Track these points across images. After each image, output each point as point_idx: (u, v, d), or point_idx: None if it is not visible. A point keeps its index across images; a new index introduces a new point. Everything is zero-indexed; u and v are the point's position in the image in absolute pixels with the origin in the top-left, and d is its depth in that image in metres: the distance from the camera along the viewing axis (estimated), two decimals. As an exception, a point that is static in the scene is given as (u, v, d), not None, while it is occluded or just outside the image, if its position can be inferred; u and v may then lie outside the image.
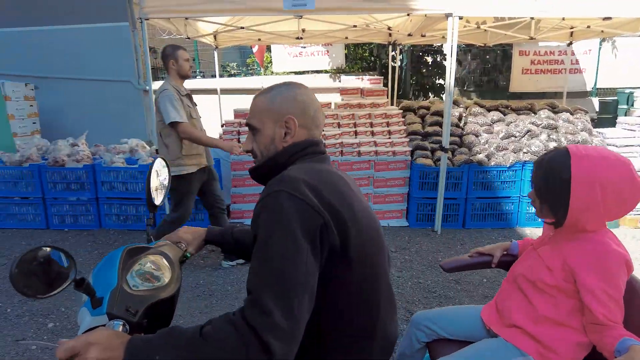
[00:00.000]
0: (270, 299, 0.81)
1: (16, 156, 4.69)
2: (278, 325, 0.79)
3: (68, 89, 8.33)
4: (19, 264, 0.86)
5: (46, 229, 4.67)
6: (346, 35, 6.30)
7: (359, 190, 1.17)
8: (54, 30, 8.30)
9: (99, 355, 0.79)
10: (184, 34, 5.30)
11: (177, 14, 4.06)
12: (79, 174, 4.51)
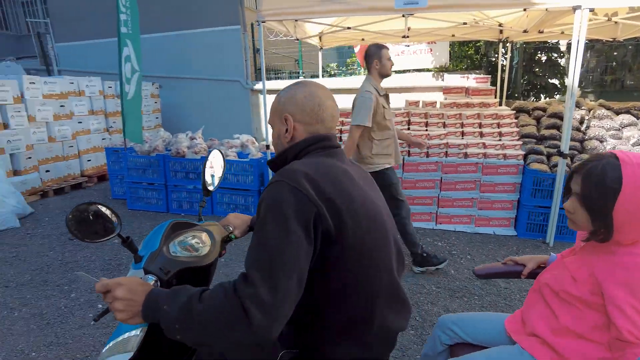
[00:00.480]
0: (258, 275, 0.89)
1: (145, 146, 5.30)
2: (261, 298, 0.86)
3: (186, 87, 9.20)
4: (73, 211, 1.09)
5: (167, 212, 5.22)
6: (453, 33, 6.06)
7: (370, 185, 1.22)
8: (176, 35, 9.21)
9: (124, 295, 0.95)
10: (293, 35, 5.53)
11: (291, 15, 4.25)
12: (197, 165, 4.96)
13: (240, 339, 0.87)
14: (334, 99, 1.24)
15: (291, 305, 0.92)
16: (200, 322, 0.89)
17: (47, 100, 6.00)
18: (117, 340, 1.16)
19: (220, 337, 0.88)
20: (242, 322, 0.86)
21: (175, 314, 0.91)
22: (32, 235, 4.48)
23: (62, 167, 6.30)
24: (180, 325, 0.90)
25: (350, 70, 10.02)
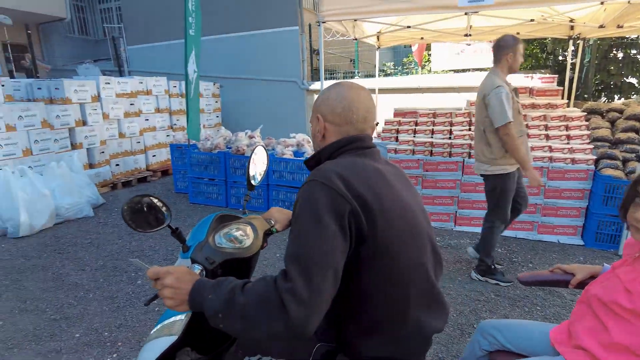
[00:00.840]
0: (294, 270, 0.92)
1: (207, 144, 5.54)
2: (298, 292, 0.89)
3: (245, 87, 9.50)
4: (128, 202, 1.17)
5: (226, 206, 5.42)
6: (518, 31, 5.78)
7: (405, 184, 1.21)
8: (236, 37, 9.53)
9: (172, 283, 1.00)
10: (351, 35, 5.54)
11: (351, 15, 4.27)
12: (255, 162, 5.10)
13: (279, 332, 0.90)
14: (368, 101, 1.24)
15: (327, 299, 0.94)
16: (241, 313, 0.93)
17: (119, 99, 6.44)
18: (164, 323, 1.24)
19: (260, 328, 0.92)
20: (280, 315, 0.89)
21: (219, 303, 0.95)
22: (104, 224, 4.84)
23: (130, 161, 6.74)
24: (224, 315, 0.95)
25: (407, 69, 9.86)
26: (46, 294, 3.23)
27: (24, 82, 5.98)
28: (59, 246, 4.18)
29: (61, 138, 5.58)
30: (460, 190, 4.48)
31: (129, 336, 2.69)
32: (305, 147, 5.24)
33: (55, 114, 5.47)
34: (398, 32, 5.85)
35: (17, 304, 3.10)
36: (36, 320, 2.89)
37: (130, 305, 3.05)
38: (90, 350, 2.55)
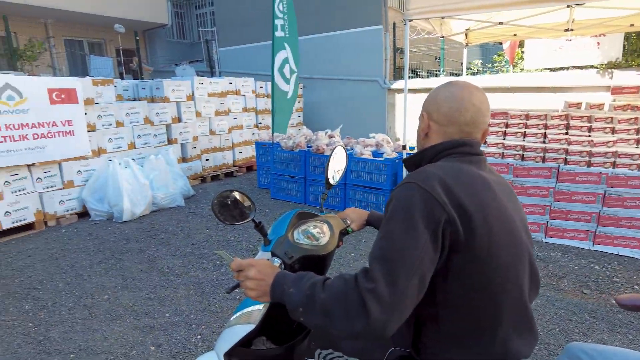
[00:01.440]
0: (379, 271, 0.90)
1: (289, 142, 5.72)
2: (380, 294, 0.87)
3: (326, 87, 9.64)
4: (217, 196, 1.28)
5: (304, 203, 5.56)
6: (632, 22, 5.14)
7: (509, 196, 1.12)
8: (319, 37, 9.69)
9: (255, 275, 1.04)
10: (438, 32, 5.35)
11: (440, 13, 4.12)
12: (334, 161, 5.16)
13: (357, 331, 0.89)
14: (481, 103, 1.14)
15: (410, 305, 0.92)
16: (322, 309, 0.93)
17: (210, 99, 6.90)
18: (243, 311, 1.30)
19: (339, 326, 0.91)
20: (360, 314, 0.88)
21: (300, 297, 0.97)
22: (193, 214, 5.22)
23: (219, 157, 7.19)
24: (304, 309, 0.96)
25: (497, 67, 9.29)
26: (142, 275, 3.57)
27: (132, 83, 6.65)
28: (154, 232, 4.59)
29: (159, 133, 6.12)
30: (554, 199, 4.12)
31: (211, 320, 2.87)
32: (385, 147, 5.17)
33: (155, 111, 6.01)
34: (488, 29, 5.52)
35: (120, 280, 3.47)
36: (134, 297, 3.20)
37: (214, 292, 3.26)
38: (177, 329, 2.77)
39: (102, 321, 2.88)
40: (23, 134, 4.45)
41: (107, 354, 2.53)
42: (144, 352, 2.54)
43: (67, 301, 3.16)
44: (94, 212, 5.03)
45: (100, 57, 10.75)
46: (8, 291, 3.32)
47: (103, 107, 5.32)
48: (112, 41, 11.75)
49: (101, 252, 4.05)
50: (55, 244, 4.32)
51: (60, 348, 2.60)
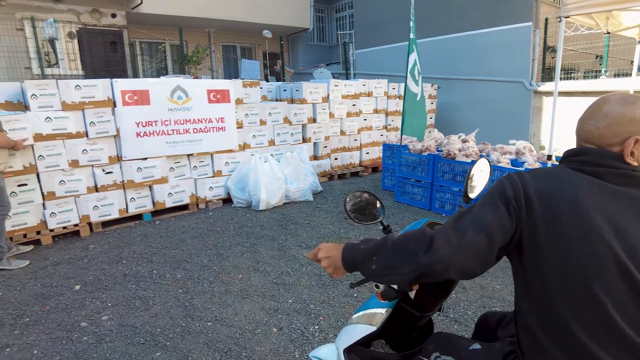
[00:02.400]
0: (451, 222, 1.05)
1: (418, 145, 5.60)
2: (447, 233, 1.01)
3: (462, 88, 9.16)
4: (350, 195, 1.36)
5: (429, 209, 5.39)
6: None
7: None
8: (459, 37, 9.23)
9: (325, 255, 1.18)
10: (603, 28, 4.65)
11: (606, 6, 3.58)
12: (466, 168, 4.89)
13: (422, 264, 1.00)
14: (615, 114, 1.02)
15: (473, 255, 1.00)
16: (393, 248, 1.06)
17: (344, 100, 7.13)
18: (365, 312, 1.33)
19: (407, 261, 1.03)
20: (426, 246, 1.01)
21: (372, 246, 1.10)
22: (320, 209, 5.48)
23: (347, 156, 7.40)
24: (377, 256, 1.08)
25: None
26: (272, 260, 3.89)
27: (275, 84, 7.26)
28: (285, 222, 4.95)
29: (296, 132, 6.56)
30: None
31: (329, 313, 2.99)
32: (527, 156, 4.71)
33: (293, 112, 6.46)
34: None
35: (253, 263, 3.84)
36: (263, 280, 3.51)
37: (333, 286, 3.39)
38: (298, 316, 2.95)
39: (235, 298, 3.23)
40: (186, 128, 5.22)
41: (236, 327, 2.83)
42: (267, 332, 2.77)
43: (209, 275, 3.62)
44: (236, 199, 5.65)
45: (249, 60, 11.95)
46: (166, 260, 3.95)
47: (250, 107, 5.93)
48: (261, 45, 12.96)
49: (239, 236, 4.54)
50: (204, 224, 4.97)
51: (201, 315, 2.99)
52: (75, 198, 4.63)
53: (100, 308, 3.11)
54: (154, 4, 9.48)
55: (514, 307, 1.12)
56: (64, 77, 8.28)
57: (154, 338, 2.73)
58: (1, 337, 2.78)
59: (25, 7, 8.09)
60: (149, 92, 4.90)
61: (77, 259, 4.02)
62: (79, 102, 4.52)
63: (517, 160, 4.78)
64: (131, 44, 10.19)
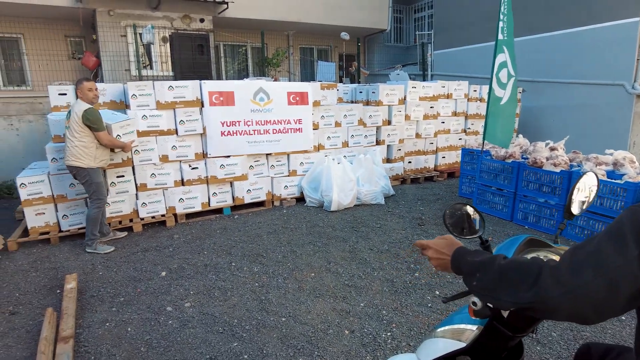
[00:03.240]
0: (567, 256, 0.89)
1: (501, 152, 5.30)
2: (559, 271, 0.87)
3: (551, 92, 8.50)
4: (450, 207, 1.33)
5: (510, 220, 5.08)
6: None
7: None
8: (548, 36, 8.58)
9: (437, 250, 1.17)
10: None
11: None
12: (553, 178, 4.54)
13: (524, 299, 0.90)
14: None
15: (589, 303, 0.85)
16: (498, 271, 0.98)
17: (421, 102, 6.96)
18: (453, 326, 1.28)
19: (509, 290, 0.94)
20: (532, 284, 0.90)
21: (479, 263, 1.05)
22: (391, 213, 5.40)
23: (421, 160, 7.22)
24: (481, 273, 1.02)
25: None
26: (343, 262, 3.91)
27: (351, 86, 7.28)
28: (355, 224, 4.95)
29: (370, 134, 6.53)
30: None
31: (402, 321, 2.94)
32: (627, 168, 4.26)
33: (368, 114, 6.43)
34: None
35: (324, 263, 3.89)
36: (335, 280, 3.54)
37: (406, 294, 3.32)
38: (370, 321, 2.94)
39: (308, 296, 3.29)
40: (266, 129, 5.42)
41: (309, 326, 2.89)
42: (339, 334, 2.79)
43: (283, 271, 3.73)
44: (309, 198, 5.76)
45: (326, 62, 12.10)
46: (244, 254, 4.13)
47: (326, 109, 6.01)
48: (337, 47, 13.06)
49: (311, 235, 4.62)
50: (279, 221, 5.13)
51: (275, 310, 3.09)
52: (164, 190, 5.02)
53: (183, 295, 3.34)
54: (239, 9, 9.96)
55: (634, 343, 0.98)
56: (157, 78, 9.01)
57: (232, 328, 2.87)
58: (102, 312, 3.10)
59: (129, 16, 8.91)
60: (234, 94, 5.16)
61: (163, 247, 4.36)
62: (171, 101, 4.90)
63: (614, 172, 4.34)
64: (216, 46, 10.80)
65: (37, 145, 6.84)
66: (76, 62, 9.53)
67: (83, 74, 9.41)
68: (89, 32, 9.51)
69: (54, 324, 2.84)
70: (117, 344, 2.71)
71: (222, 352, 2.61)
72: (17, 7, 8.19)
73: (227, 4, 9.56)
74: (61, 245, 4.46)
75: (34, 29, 9.05)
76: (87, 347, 2.68)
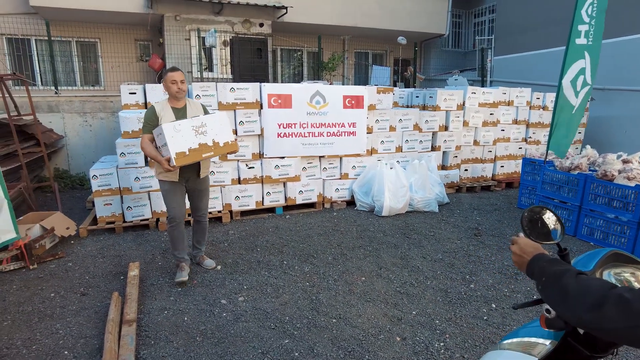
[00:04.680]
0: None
1: (566, 162, 5.00)
2: (629, 299, 0.82)
3: (626, 101, 7.91)
4: (528, 210, 1.29)
5: (573, 235, 4.78)
6: None
7: None
8: (624, 41, 8.00)
9: (519, 248, 1.17)
10: None
11: None
12: (626, 193, 4.22)
13: (581, 318, 0.90)
14: None
15: None
16: (563, 289, 0.97)
17: (480, 109, 6.73)
18: (524, 340, 1.22)
19: (570, 304, 0.93)
20: (592, 307, 0.87)
21: (548, 273, 1.04)
22: (446, 222, 5.25)
23: (478, 168, 6.96)
24: (546, 282, 1.03)
25: None
26: (395, 268, 3.85)
27: (407, 91, 7.18)
28: (407, 231, 4.86)
29: (425, 140, 6.40)
30: None
31: (456, 332, 2.84)
32: None
33: (425, 119, 6.31)
34: None
35: (375, 268, 3.85)
36: (386, 286, 3.49)
37: (461, 305, 3.21)
38: (422, 330, 2.87)
39: (358, 299, 3.27)
40: (320, 132, 5.47)
41: (360, 329, 2.87)
42: (390, 340, 2.75)
43: (334, 273, 3.73)
44: (359, 202, 5.73)
45: (380, 66, 12.02)
46: (295, 253, 4.18)
47: (381, 113, 5.96)
48: (393, 52, 12.94)
49: (361, 239, 4.59)
50: (329, 223, 5.15)
51: (326, 311, 3.10)
52: (221, 188, 5.20)
53: (237, 289, 3.44)
54: (297, 14, 10.15)
55: None
56: (217, 80, 9.37)
57: (283, 325, 2.91)
58: (161, 300, 3.25)
59: (194, 20, 9.35)
60: (292, 97, 5.26)
61: (219, 242, 4.51)
62: (232, 102, 5.07)
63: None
64: (273, 50, 11.07)
65: (107, 141, 7.34)
66: (143, 64, 10.13)
67: (150, 75, 9.99)
68: (156, 35, 10.08)
69: (119, 307, 3.02)
70: (174, 332, 2.83)
71: (274, 348, 2.65)
72: (97, 14, 8.85)
73: (286, 8, 9.77)
74: (124, 234, 4.74)
75: (109, 34, 9.74)
76: (147, 332, 2.82)
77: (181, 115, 3.42)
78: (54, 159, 7.24)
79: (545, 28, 9.53)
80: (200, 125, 3.27)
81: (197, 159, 3.26)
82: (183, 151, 3.16)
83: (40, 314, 3.05)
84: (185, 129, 3.19)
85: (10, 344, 2.68)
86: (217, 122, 3.38)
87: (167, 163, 3.14)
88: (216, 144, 3.34)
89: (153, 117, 3.34)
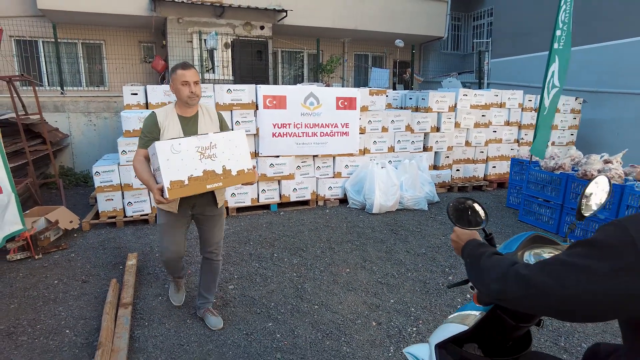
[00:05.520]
0: (540, 263, 0.96)
1: (551, 163, 5.18)
2: (525, 274, 0.94)
3: (614, 103, 8.08)
4: (454, 201, 1.44)
5: (556, 233, 4.95)
6: None
7: None
8: (612, 45, 8.16)
9: (454, 238, 1.33)
10: None
11: None
12: (604, 191, 4.39)
13: (491, 288, 1.03)
14: None
15: (544, 304, 0.91)
16: (482, 263, 1.13)
17: (472, 110, 6.91)
18: (461, 313, 1.42)
19: (483, 279, 1.08)
20: (496, 279, 1.02)
21: (472, 253, 1.20)
22: (433, 219, 5.44)
23: (470, 169, 7.15)
24: (470, 262, 1.19)
25: None
26: (379, 261, 4.05)
27: (402, 93, 7.38)
28: (395, 228, 5.06)
29: (417, 141, 6.59)
30: None
31: (429, 319, 3.04)
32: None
33: (417, 120, 6.50)
34: None
35: (360, 261, 4.05)
36: (368, 277, 3.70)
37: (437, 295, 3.41)
38: (397, 316, 3.07)
39: (341, 289, 3.48)
40: (314, 132, 5.69)
41: (339, 315, 3.07)
42: (366, 325, 2.95)
43: (320, 265, 3.94)
44: (351, 200, 5.94)
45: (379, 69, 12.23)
46: (286, 247, 4.40)
47: (374, 114, 6.17)
48: (392, 54, 13.14)
49: (350, 234, 4.80)
50: (321, 219, 5.36)
51: (310, 298, 3.31)
52: (218, 185, 5.42)
53: (228, 278, 3.66)
54: (297, 17, 10.38)
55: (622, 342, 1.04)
56: (218, 81, 9.61)
57: (268, 310, 3.12)
58: (156, 287, 3.48)
59: (196, 23, 9.62)
60: (286, 98, 5.48)
61: (214, 236, 4.73)
62: (229, 103, 5.30)
63: (674, 189, 4.13)
64: (274, 53, 11.31)
65: (110, 140, 7.60)
66: (147, 66, 10.40)
67: (153, 76, 10.26)
68: (160, 38, 10.35)
69: (116, 292, 3.25)
70: (167, 315, 3.05)
71: (258, 330, 2.87)
72: (102, 17, 9.14)
73: (287, 12, 10.00)
74: (125, 228, 4.97)
75: (114, 36, 10.03)
76: (142, 315, 3.04)
77: (190, 127, 2.62)
78: (59, 157, 7.51)
79: (540, 32, 9.70)
80: (208, 147, 2.40)
81: (198, 191, 2.39)
82: (181, 180, 2.32)
83: (44, 298, 3.28)
84: (187, 149, 2.34)
85: (17, 323, 2.92)
86: (232, 143, 2.49)
87: (159, 193, 2.30)
88: (227, 172, 2.46)
89: (153, 127, 2.54)
